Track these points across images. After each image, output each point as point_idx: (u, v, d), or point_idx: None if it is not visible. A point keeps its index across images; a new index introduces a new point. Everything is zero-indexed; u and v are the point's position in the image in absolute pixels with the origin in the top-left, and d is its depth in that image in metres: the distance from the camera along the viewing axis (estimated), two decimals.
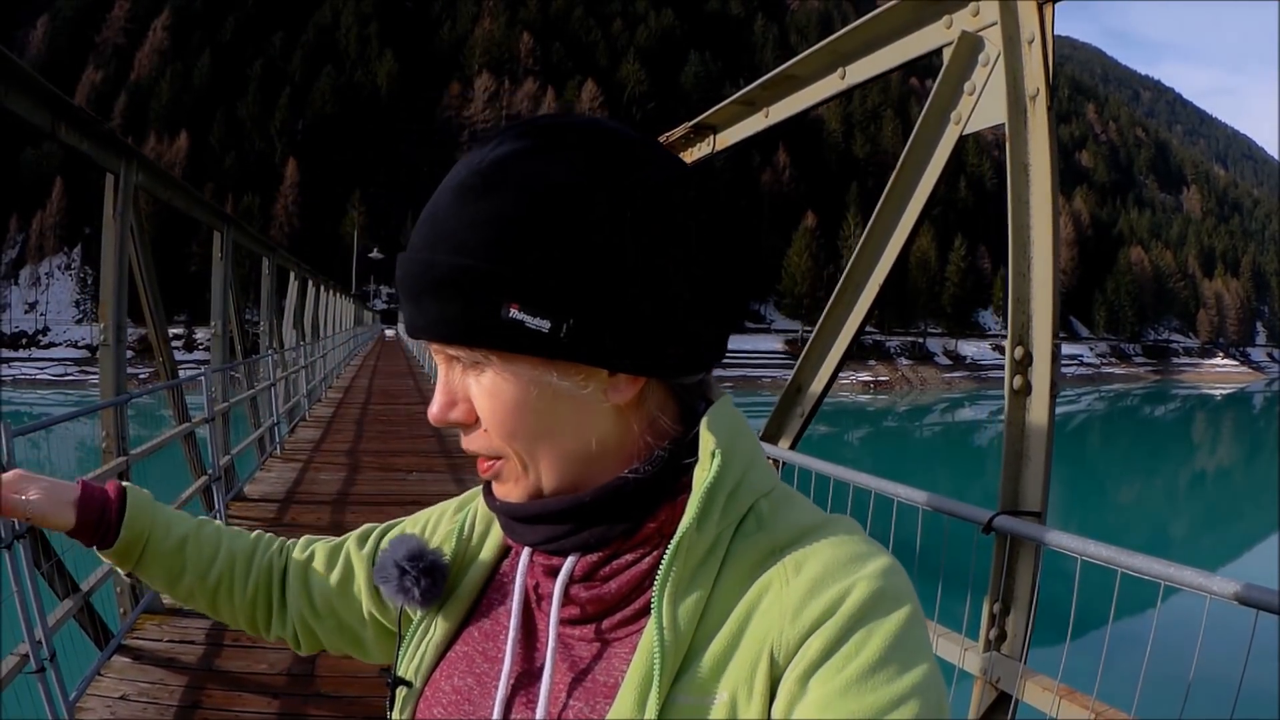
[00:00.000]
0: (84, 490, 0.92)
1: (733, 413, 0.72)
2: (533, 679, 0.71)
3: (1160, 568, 1.91)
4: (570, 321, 0.63)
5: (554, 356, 0.65)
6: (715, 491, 0.66)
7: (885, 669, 0.58)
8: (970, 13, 2.44)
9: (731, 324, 0.72)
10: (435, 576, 0.80)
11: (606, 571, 0.69)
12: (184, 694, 3.70)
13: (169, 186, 6.00)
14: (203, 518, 1.01)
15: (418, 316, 0.68)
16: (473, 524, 0.85)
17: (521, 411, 0.67)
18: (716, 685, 0.62)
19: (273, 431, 9.83)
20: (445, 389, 0.70)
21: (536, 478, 0.69)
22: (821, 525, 0.66)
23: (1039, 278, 2.26)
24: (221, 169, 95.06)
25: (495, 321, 0.64)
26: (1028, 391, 2.28)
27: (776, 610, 0.62)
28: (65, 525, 0.90)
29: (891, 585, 0.62)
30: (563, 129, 0.67)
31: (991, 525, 2.25)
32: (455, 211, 0.66)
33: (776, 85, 3.12)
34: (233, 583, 0.97)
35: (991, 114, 2.36)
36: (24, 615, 3.06)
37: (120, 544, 0.92)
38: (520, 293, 0.63)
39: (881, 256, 2.63)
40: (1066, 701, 2.05)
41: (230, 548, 0.98)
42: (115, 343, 4.65)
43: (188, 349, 66.54)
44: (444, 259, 0.65)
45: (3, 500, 0.88)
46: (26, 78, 3.45)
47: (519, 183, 0.64)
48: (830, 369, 2.82)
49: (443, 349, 0.69)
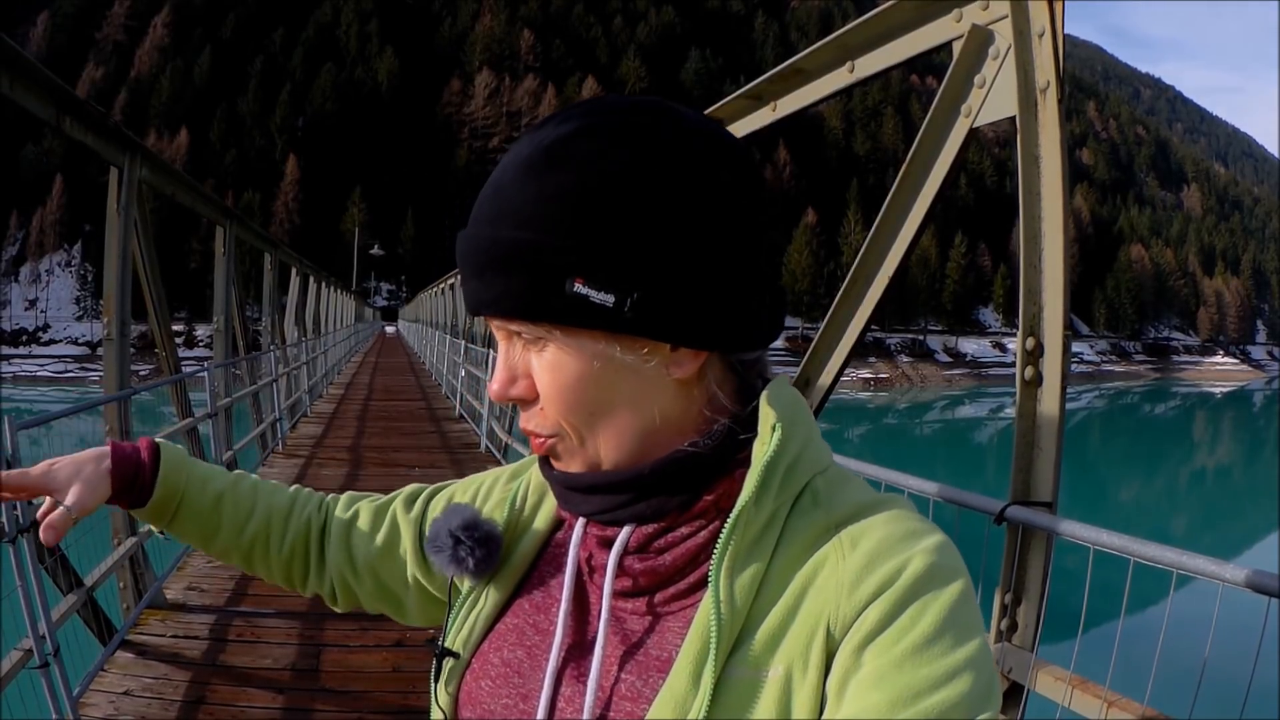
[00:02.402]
0: (115, 453, 0.90)
1: (791, 391, 0.72)
2: (583, 652, 0.71)
3: (1174, 556, 1.91)
4: (635, 295, 0.64)
5: (618, 331, 0.65)
6: (774, 466, 0.66)
7: (940, 642, 0.58)
8: (980, 7, 2.44)
9: (784, 302, 0.74)
10: (490, 547, 0.80)
11: (662, 544, 0.69)
12: (188, 689, 3.68)
13: (173, 181, 5.99)
14: (239, 472, 1.00)
15: (481, 292, 0.68)
16: (525, 494, 0.85)
17: (583, 386, 0.67)
18: (771, 659, 0.62)
19: (275, 427, 9.83)
20: (506, 366, 0.70)
21: (595, 453, 0.69)
22: (876, 503, 0.67)
23: (1050, 269, 2.25)
24: (222, 166, 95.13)
25: (560, 296, 0.64)
26: (1039, 382, 2.27)
27: (833, 585, 0.62)
28: (104, 499, 0.88)
29: (946, 561, 0.62)
30: (628, 108, 0.68)
31: (1003, 516, 2.25)
32: (519, 187, 0.66)
33: (784, 79, 3.11)
34: (269, 539, 0.95)
35: (1002, 107, 2.35)
36: (28, 610, 3.05)
37: (154, 502, 0.90)
38: (585, 267, 0.64)
39: (891, 249, 2.62)
40: (1079, 692, 2.05)
41: (268, 504, 0.97)
42: (119, 337, 4.64)
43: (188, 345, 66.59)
44: (508, 234, 0.65)
45: (40, 501, 0.86)
46: (33, 70, 3.44)
47: (584, 159, 0.65)
48: (839, 362, 2.81)
49: (505, 324, 0.68)
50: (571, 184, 0.64)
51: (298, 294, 15.51)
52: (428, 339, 25.55)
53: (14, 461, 3.07)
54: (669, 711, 0.62)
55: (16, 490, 0.86)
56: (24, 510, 3.06)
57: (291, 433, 10.98)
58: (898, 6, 2.60)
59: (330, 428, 11.92)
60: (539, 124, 0.70)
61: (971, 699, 0.57)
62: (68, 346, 76.52)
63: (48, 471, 0.86)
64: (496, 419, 10.00)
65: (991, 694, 0.58)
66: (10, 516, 3.01)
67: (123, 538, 4.45)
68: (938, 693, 0.56)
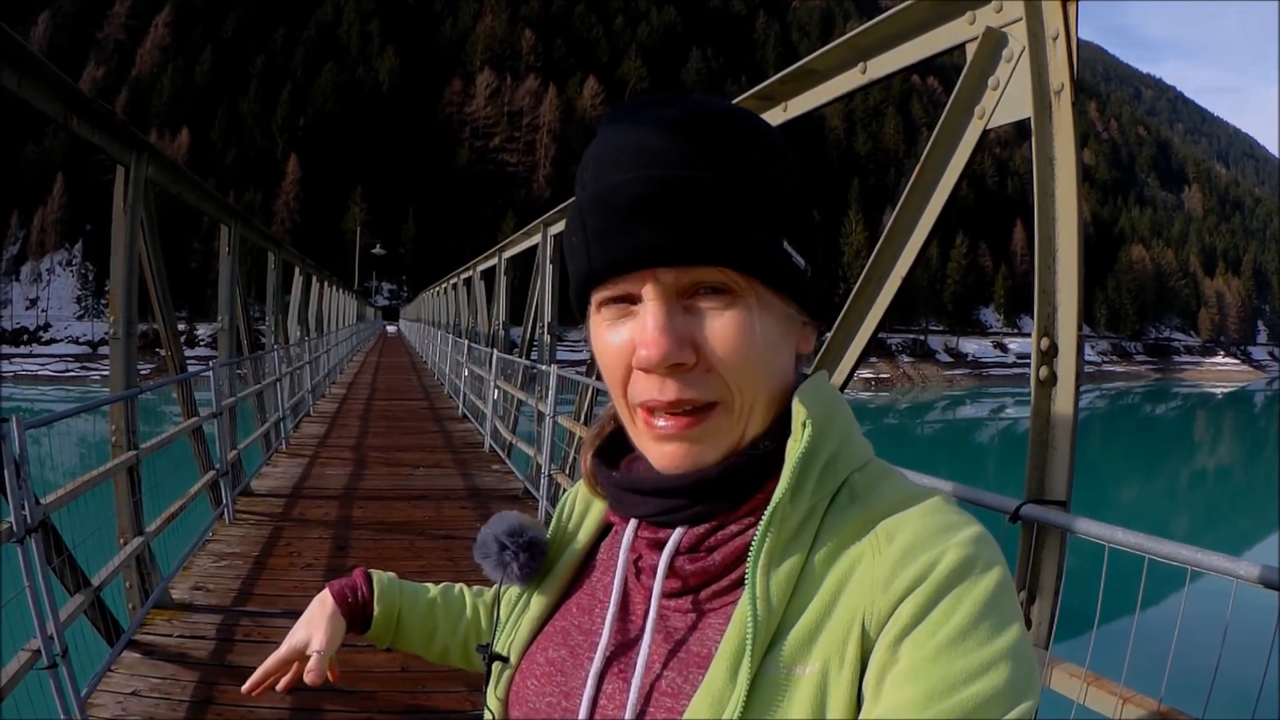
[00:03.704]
0: (334, 591, 0.98)
1: (827, 386, 0.72)
2: (627, 649, 0.71)
3: (1189, 553, 1.92)
4: (811, 264, 0.68)
5: (796, 296, 0.68)
6: (808, 463, 0.66)
7: (975, 634, 0.57)
8: (994, 9, 2.44)
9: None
10: (534, 552, 0.81)
11: (712, 543, 0.69)
12: (196, 689, 3.67)
13: (180, 180, 5.98)
14: (446, 584, 1.06)
15: (669, 237, 0.63)
16: (574, 502, 0.86)
17: (763, 347, 0.66)
18: (808, 656, 0.61)
19: (278, 426, 9.82)
20: (670, 328, 0.65)
21: (745, 425, 0.68)
22: (913, 497, 0.66)
23: (1064, 270, 2.25)
24: (223, 165, 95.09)
25: (775, 250, 0.65)
26: (1053, 382, 2.27)
27: (869, 581, 0.62)
28: (344, 632, 0.96)
29: (982, 552, 0.61)
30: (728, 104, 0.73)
31: (1018, 514, 2.25)
32: (714, 139, 0.66)
33: (796, 79, 3.11)
34: (480, 631, 1.01)
35: (1016, 109, 2.36)
36: (36, 611, 3.04)
37: (378, 620, 0.97)
38: (791, 229, 0.67)
39: (904, 250, 2.62)
40: (1094, 689, 2.05)
41: (473, 601, 1.03)
42: (125, 336, 4.64)
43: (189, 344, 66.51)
44: (714, 178, 0.64)
45: (310, 668, 0.92)
46: (41, 68, 3.44)
47: (767, 135, 0.69)
48: (850, 363, 2.81)
49: (693, 274, 0.65)
50: (770, 147, 0.67)
51: (300, 293, 15.50)
52: (430, 338, 25.57)
53: (22, 460, 3.06)
54: (706, 708, 0.62)
55: (282, 667, 0.94)
56: (31, 510, 3.05)
57: (295, 432, 10.98)
58: (911, 8, 2.61)
59: (333, 427, 11.91)
60: (661, 96, 0.69)
61: (1010, 690, 0.56)
62: (68, 345, 76.48)
63: (291, 643, 0.94)
64: (500, 418, 9.99)
65: (1031, 683, 0.57)
66: (18, 517, 3.00)
67: (129, 537, 4.44)
68: (974, 684, 0.55)
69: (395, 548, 5.90)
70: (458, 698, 3.62)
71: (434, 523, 6.64)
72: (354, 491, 7.72)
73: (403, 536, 6.21)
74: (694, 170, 0.64)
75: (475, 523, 6.68)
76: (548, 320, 9.08)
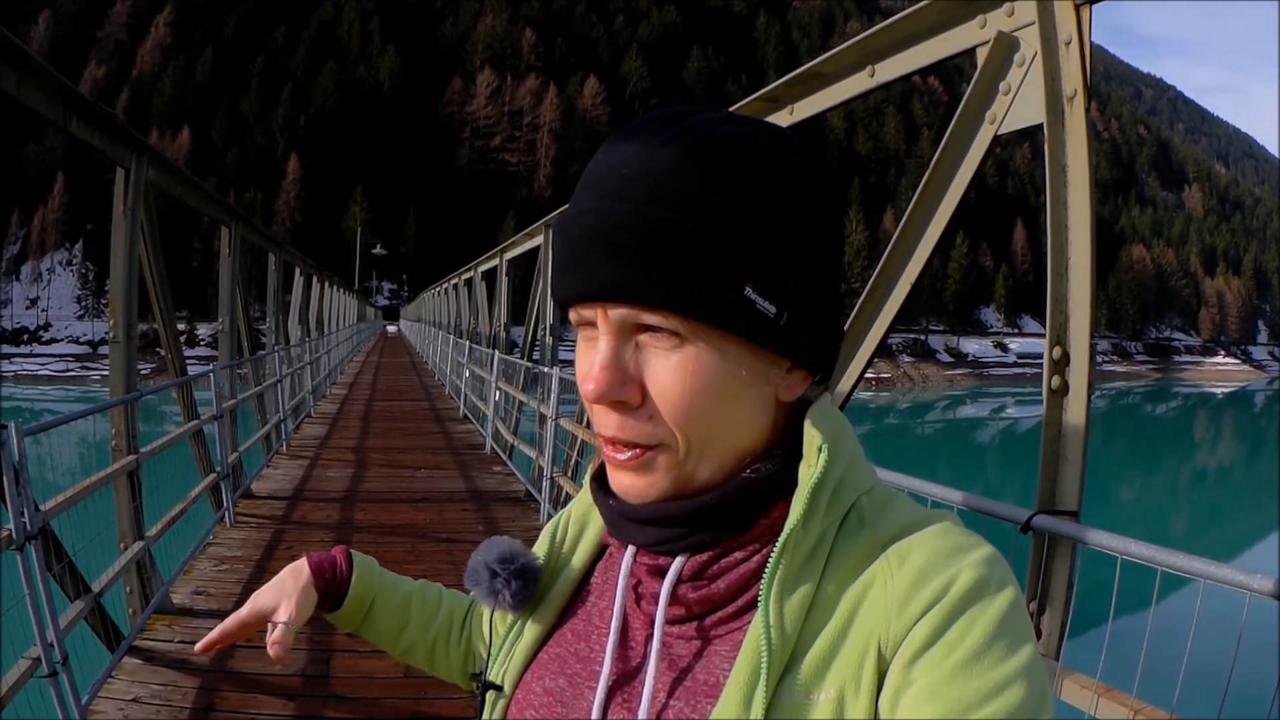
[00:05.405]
0: (312, 563, 0.94)
1: (834, 411, 0.70)
2: (630, 679, 0.70)
3: (1201, 565, 1.90)
4: (789, 311, 0.63)
5: (762, 344, 0.64)
6: (821, 488, 0.65)
7: (989, 654, 0.57)
8: (1005, 13, 2.41)
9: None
10: (526, 579, 0.79)
11: (715, 570, 0.67)
12: (197, 696, 3.64)
13: (180, 182, 5.96)
14: (425, 581, 1.03)
15: (619, 275, 0.61)
16: (566, 526, 0.84)
17: (714, 394, 0.63)
18: (823, 682, 0.60)
19: (279, 428, 9.80)
20: (615, 364, 0.63)
21: (694, 468, 0.66)
22: (923, 520, 0.65)
23: (1076, 278, 2.22)
24: (224, 164, 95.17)
25: (730, 296, 0.61)
26: (1065, 391, 2.25)
27: (881, 605, 0.61)
28: (314, 606, 0.92)
29: (994, 573, 0.61)
30: (770, 124, 0.68)
31: (1029, 525, 2.23)
32: (684, 172, 0.61)
33: (803, 82, 3.08)
34: (449, 635, 0.99)
35: (1028, 114, 2.33)
36: (35, 618, 3.01)
37: (350, 601, 0.94)
38: (758, 273, 0.62)
39: (914, 254, 2.60)
40: (1105, 700, 2.03)
41: (450, 603, 1.00)
42: (125, 339, 4.61)
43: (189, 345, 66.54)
44: (670, 218, 0.60)
45: (273, 633, 0.88)
46: (40, 70, 3.42)
47: (768, 163, 0.63)
48: (860, 366, 2.79)
49: (637, 315, 0.62)
50: (753, 184, 0.61)
51: (301, 293, 15.47)
52: (430, 339, 25.55)
53: (21, 467, 3.03)
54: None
55: (242, 630, 0.90)
56: (31, 517, 3.03)
57: (296, 433, 10.94)
58: (921, 11, 2.58)
59: (334, 428, 11.88)
60: (671, 113, 0.65)
61: (1024, 709, 0.56)
62: (69, 345, 76.52)
63: (256, 604, 0.90)
64: (501, 420, 9.97)
65: (1045, 701, 0.57)
66: (18, 524, 2.98)
67: (129, 542, 4.42)
68: (990, 704, 0.55)
69: (397, 550, 5.87)
70: (459, 705, 3.59)
71: (436, 525, 6.61)
72: (355, 494, 7.69)
73: (405, 539, 6.18)
74: (655, 206, 0.60)
75: (478, 525, 6.67)
76: (549, 322, 9.06)
